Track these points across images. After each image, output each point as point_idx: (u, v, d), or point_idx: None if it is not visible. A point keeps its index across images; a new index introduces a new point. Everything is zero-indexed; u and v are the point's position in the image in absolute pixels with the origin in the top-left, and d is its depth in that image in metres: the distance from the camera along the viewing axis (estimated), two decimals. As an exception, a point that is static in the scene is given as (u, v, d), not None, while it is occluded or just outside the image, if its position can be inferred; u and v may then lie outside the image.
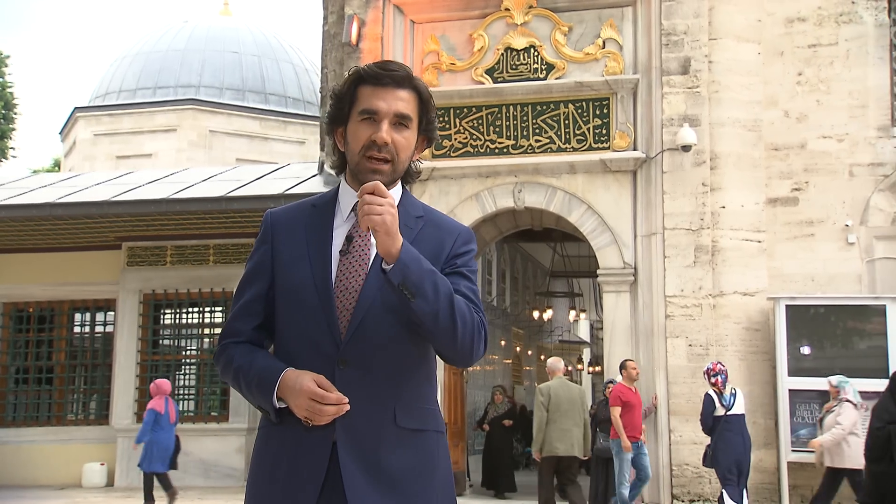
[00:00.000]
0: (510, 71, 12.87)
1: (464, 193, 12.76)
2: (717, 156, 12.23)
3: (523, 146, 12.70)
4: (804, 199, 12.30)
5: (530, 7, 12.89)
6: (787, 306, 11.55)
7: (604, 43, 12.69)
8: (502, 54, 12.91)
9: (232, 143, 23.56)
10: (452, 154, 12.83)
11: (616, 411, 10.42)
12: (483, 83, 12.88)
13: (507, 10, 12.95)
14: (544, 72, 12.76)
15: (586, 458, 10.83)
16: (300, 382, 2.24)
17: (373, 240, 2.37)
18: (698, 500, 11.72)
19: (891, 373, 11.15)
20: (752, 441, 10.15)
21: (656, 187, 12.20)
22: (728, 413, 9.60)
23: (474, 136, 12.84)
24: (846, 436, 9.37)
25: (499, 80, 12.86)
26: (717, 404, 9.64)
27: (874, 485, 6.44)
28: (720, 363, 10.07)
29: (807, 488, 11.89)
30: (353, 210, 2.40)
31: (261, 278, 2.46)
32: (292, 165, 16.45)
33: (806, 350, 11.51)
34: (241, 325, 2.47)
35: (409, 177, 2.49)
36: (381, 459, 2.29)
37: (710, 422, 9.64)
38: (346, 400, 2.21)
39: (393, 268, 2.18)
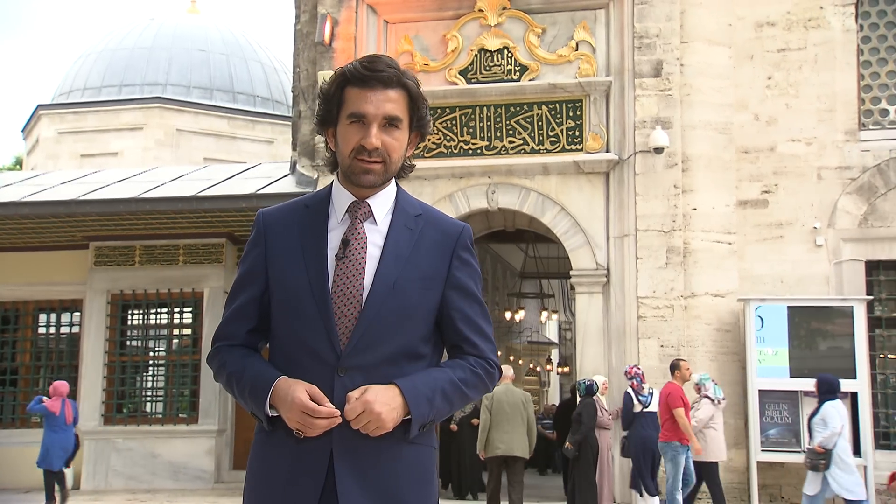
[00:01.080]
0: (484, 72, 12.89)
1: (437, 194, 12.74)
2: (688, 158, 12.33)
3: (497, 147, 12.73)
4: (773, 202, 12.44)
5: (504, 8, 12.92)
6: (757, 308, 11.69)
7: (577, 45, 12.75)
8: (476, 55, 12.93)
9: (199, 142, 23.38)
10: (426, 155, 12.81)
11: (681, 412, 10.08)
12: (457, 84, 12.88)
13: (481, 11, 12.97)
14: (518, 73, 12.80)
15: (530, 457, 11.39)
16: (292, 394, 2.19)
17: (370, 242, 2.35)
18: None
19: (857, 373, 11.38)
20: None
21: (629, 189, 12.28)
22: (644, 410, 10.48)
23: (448, 137, 12.84)
24: (701, 429, 10.22)
25: (472, 81, 12.87)
26: (635, 401, 10.48)
27: None
28: (636, 366, 10.89)
29: (776, 487, 12.05)
30: (347, 211, 2.38)
31: (254, 282, 2.41)
32: (263, 165, 16.34)
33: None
34: (235, 329, 2.43)
35: (402, 172, 2.44)
36: (378, 473, 2.26)
37: (630, 417, 10.51)
38: (338, 413, 2.18)
39: (413, 426, 2.27)
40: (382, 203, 2.40)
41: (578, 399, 10.96)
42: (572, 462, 11.15)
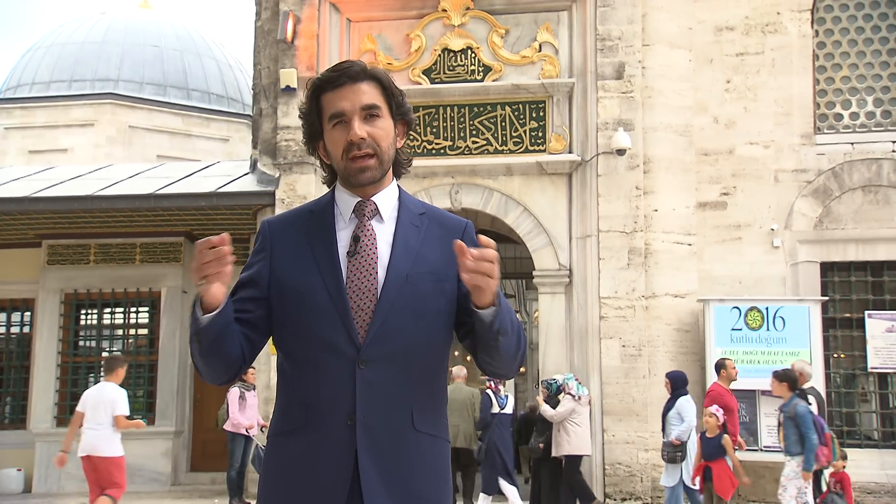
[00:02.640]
0: (447, 72, 12.89)
1: (400, 194, 12.70)
2: (649, 160, 12.46)
3: (460, 147, 12.74)
4: (732, 204, 12.63)
5: (467, 9, 12.93)
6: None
7: (540, 46, 12.81)
8: (439, 55, 12.93)
9: (152, 140, 22.99)
10: (389, 154, 12.77)
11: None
12: (420, 84, 12.87)
13: (445, 11, 12.96)
14: (481, 73, 12.82)
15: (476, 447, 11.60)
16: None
17: (379, 239, 2.36)
18: (630, 499, 11.92)
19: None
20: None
21: (591, 190, 12.37)
22: (501, 411, 10.93)
23: (411, 137, 12.70)
24: (562, 424, 10.58)
25: (436, 80, 12.87)
26: (494, 403, 10.92)
27: None
28: None
29: (733, 485, 12.20)
30: (353, 211, 2.39)
31: (255, 286, 2.41)
32: (222, 163, 16.16)
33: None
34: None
35: (398, 167, 2.48)
36: (400, 468, 2.27)
37: (489, 418, 10.96)
38: (227, 237, 2.18)
39: (496, 313, 2.20)
40: (387, 201, 2.44)
41: (542, 402, 10.98)
42: (539, 462, 11.20)
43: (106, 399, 8.78)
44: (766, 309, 11.62)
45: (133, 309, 14.81)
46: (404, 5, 13.10)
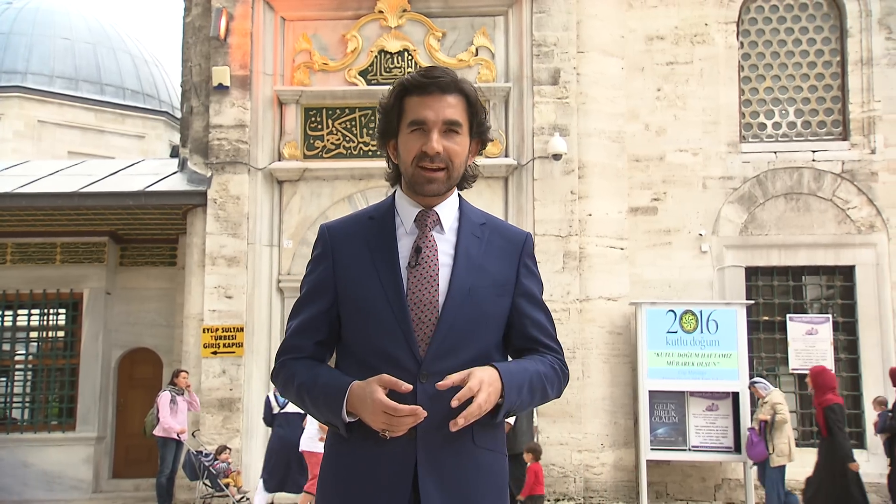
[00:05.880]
0: (384, 73, 12.83)
1: (336, 195, 12.60)
2: (584, 165, 12.65)
3: (397, 150, 12.67)
4: (662, 209, 12.93)
5: (404, 11, 12.90)
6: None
7: (476, 50, 12.88)
8: (376, 56, 12.86)
9: (64, 135, 22.22)
10: (325, 155, 12.66)
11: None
12: (356, 84, 12.77)
13: (381, 12, 12.90)
14: (418, 76, 12.78)
15: None
16: (371, 395, 2.18)
17: (441, 251, 2.36)
18: (564, 499, 12.08)
19: (739, 374, 11.97)
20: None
21: (527, 194, 12.48)
22: (282, 412, 10.78)
23: (347, 138, 12.71)
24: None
25: (372, 82, 12.79)
26: (274, 403, 10.83)
27: None
28: None
29: (662, 485, 12.52)
30: (415, 221, 2.37)
31: (323, 295, 2.40)
32: (148, 161, 15.73)
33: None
34: (302, 341, 2.41)
35: (464, 181, 2.47)
36: (458, 481, 2.28)
37: (270, 418, 10.84)
38: (420, 409, 2.17)
39: (507, 411, 2.29)
40: (449, 212, 2.43)
41: None
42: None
43: None
44: (700, 312, 11.93)
45: (53, 311, 14.26)
46: (340, 5, 12.99)
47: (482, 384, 2.16)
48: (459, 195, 2.49)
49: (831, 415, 9.48)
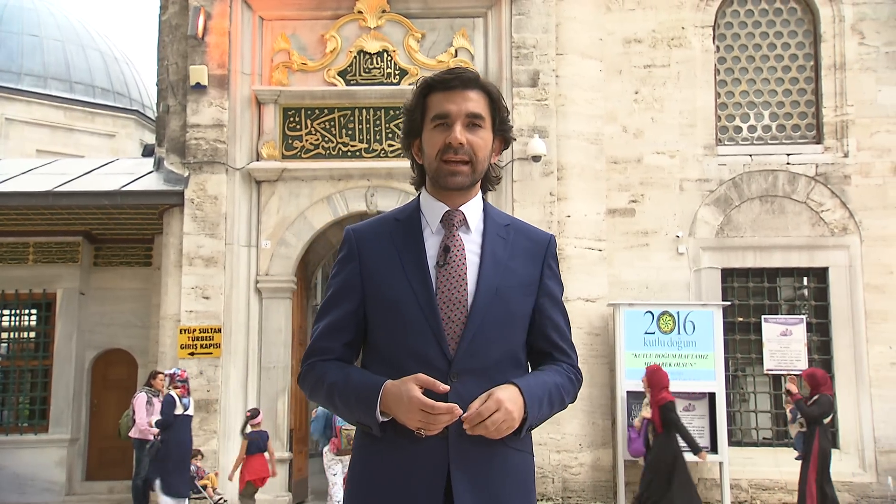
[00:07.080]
0: (363, 74, 12.80)
1: (315, 196, 12.55)
2: (563, 167, 12.70)
3: (376, 150, 12.66)
4: (640, 211, 13.02)
5: (383, 11, 12.88)
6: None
7: (456, 52, 12.88)
8: (355, 57, 12.82)
9: (32, 133, 21.91)
10: (304, 155, 12.60)
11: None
12: (335, 85, 12.73)
13: (360, 13, 12.87)
14: (398, 77, 12.79)
15: None
16: (407, 394, 2.19)
17: (468, 249, 2.38)
18: (542, 500, 12.12)
19: (715, 375, 12.09)
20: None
21: (507, 196, 12.52)
22: (185, 413, 10.69)
23: (326, 139, 12.66)
24: None
25: (351, 82, 12.76)
26: (178, 405, 10.63)
27: None
28: (186, 370, 11.03)
29: (638, 485, 12.57)
30: (441, 221, 2.39)
31: (350, 296, 2.40)
32: (123, 160, 15.55)
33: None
34: (330, 343, 2.42)
35: (487, 182, 2.50)
36: (489, 481, 2.29)
37: (171, 419, 10.57)
38: (457, 407, 2.18)
39: (529, 426, 2.33)
40: (474, 212, 2.46)
41: None
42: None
43: None
44: (678, 313, 12.03)
45: (26, 311, 14.06)
46: (319, 5, 12.94)
47: (500, 405, 2.18)
48: (484, 198, 2.50)
49: (667, 412, 10.05)
